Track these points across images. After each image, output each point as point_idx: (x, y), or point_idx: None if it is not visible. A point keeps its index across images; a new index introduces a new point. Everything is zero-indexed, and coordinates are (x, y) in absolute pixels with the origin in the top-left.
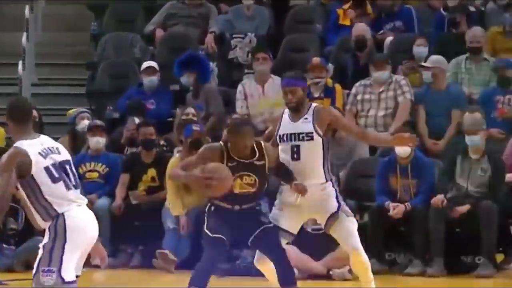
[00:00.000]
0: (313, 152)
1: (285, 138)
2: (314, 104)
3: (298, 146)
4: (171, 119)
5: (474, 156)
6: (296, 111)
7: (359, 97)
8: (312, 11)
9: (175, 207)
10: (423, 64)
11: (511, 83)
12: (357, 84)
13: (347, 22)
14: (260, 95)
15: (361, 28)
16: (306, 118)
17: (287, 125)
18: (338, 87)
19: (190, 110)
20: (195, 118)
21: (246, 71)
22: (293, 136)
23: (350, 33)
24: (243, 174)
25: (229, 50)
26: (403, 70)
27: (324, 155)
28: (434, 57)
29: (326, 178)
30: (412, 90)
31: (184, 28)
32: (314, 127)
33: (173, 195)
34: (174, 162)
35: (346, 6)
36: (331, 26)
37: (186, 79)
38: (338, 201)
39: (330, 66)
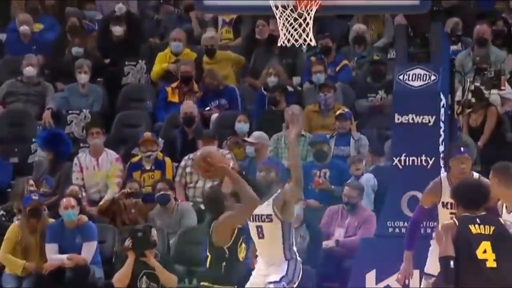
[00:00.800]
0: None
1: None
2: None
3: None
4: (9, 190)
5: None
6: None
7: (188, 170)
8: (143, 89)
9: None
10: (246, 139)
11: (326, 157)
12: (185, 157)
13: (176, 99)
14: (95, 167)
15: (189, 105)
16: None
17: None
18: (168, 160)
19: (31, 182)
20: (33, 189)
21: (81, 145)
22: None
23: (178, 110)
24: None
25: (65, 126)
26: (228, 145)
27: None
28: (257, 133)
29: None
30: (236, 163)
31: (23, 105)
32: None
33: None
34: (13, 228)
35: (174, 84)
36: (161, 103)
37: (45, 154)
38: (280, 277)
39: (161, 141)
